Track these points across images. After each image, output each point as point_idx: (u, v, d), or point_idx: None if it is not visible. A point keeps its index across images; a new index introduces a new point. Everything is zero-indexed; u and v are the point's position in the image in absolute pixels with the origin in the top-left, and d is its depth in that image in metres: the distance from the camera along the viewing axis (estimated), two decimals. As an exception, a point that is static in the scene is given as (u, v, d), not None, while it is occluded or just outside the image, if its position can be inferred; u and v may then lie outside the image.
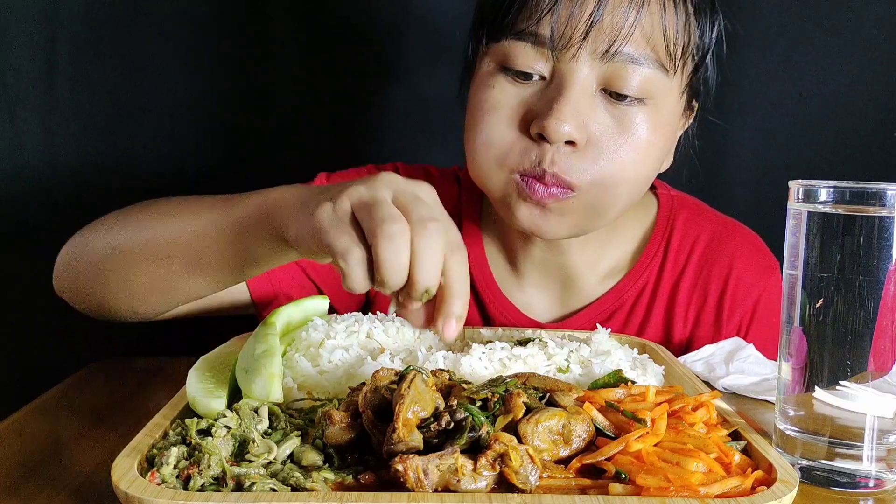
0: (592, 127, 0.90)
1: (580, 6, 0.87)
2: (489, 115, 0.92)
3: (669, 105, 0.93)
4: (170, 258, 0.85)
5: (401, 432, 0.59)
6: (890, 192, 0.62)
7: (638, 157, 0.92)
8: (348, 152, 1.42)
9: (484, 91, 0.93)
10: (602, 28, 0.87)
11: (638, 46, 0.88)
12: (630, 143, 0.91)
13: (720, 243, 1.08)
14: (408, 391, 0.61)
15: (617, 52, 0.87)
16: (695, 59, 0.94)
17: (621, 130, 0.91)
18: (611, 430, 0.66)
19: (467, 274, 0.63)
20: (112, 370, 0.98)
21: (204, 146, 1.41)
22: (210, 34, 1.38)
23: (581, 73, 0.89)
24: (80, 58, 1.36)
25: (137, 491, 0.54)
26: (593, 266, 1.08)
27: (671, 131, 0.96)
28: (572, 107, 0.88)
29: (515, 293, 1.10)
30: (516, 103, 0.92)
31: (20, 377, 1.39)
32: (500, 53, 0.92)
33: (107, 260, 0.92)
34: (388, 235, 0.59)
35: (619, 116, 0.91)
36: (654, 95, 0.91)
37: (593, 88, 0.90)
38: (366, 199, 0.63)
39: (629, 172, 0.92)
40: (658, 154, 0.95)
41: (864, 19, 1.34)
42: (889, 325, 0.63)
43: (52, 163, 1.39)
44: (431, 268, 0.61)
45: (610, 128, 0.90)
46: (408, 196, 0.64)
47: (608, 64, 0.88)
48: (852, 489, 0.64)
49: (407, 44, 1.37)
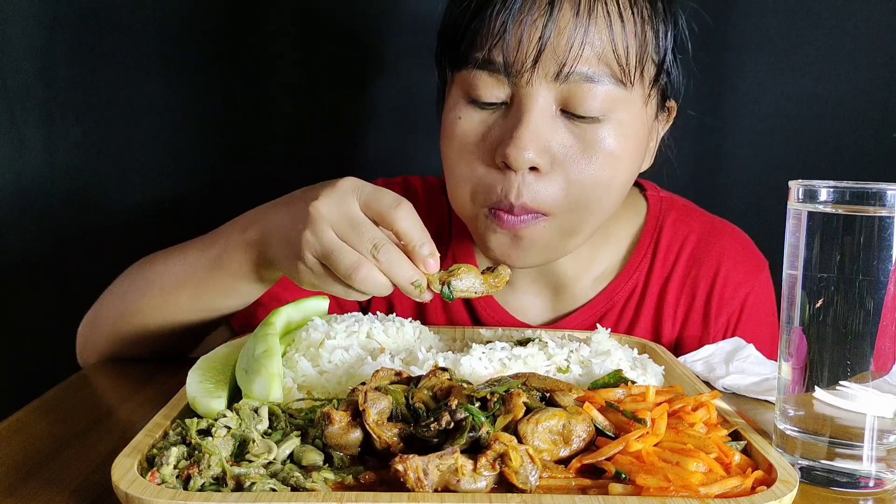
0: (556, 149, 0.89)
1: (528, 31, 0.86)
2: (457, 151, 0.93)
3: (633, 115, 0.92)
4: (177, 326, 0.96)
5: (377, 440, 0.62)
6: (890, 192, 0.62)
7: (606, 174, 0.91)
8: (346, 152, 1.43)
9: (452, 123, 0.94)
10: (552, 51, 0.86)
11: (591, 65, 0.87)
12: (597, 160, 0.90)
13: (708, 243, 1.09)
14: (364, 402, 0.64)
15: (570, 73, 0.87)
16: (654, 65, 0.92)
17: (585, 149, 0.90)
18: (611, 430, 0.66)
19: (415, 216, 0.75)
20: (111, 371, 0.98)
21: (204, 145, 1.41)
22: (209, 35, 1.38)
23: (538, 96, 0.88)
24: (80, 59, 1.36)
25: (137, 491, 0.54)
26: (585, 270, 1.09)
27: (639, 139, 0.94)
28: (531, 132, 0.88)
29: (508, 298, 1.10)
30: (482, 131, 0.92)
31: (20, 377, 1.39)
32: (464, 82, 0.92)
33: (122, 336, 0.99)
34: (360, 280, 0.73)
35: (582, 135, 0.90)
36: (615, 110, 0.90)
37: (553, 110, 0.89)
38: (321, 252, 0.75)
39: (600, 190, 0.92)
40: (628, 164, 0.93)
41: (864, 19, 1.34)
42: (890, 325, 0.63)
43: (52, 163, 1.39)
44: (406, 271, 0.73)
45: (574, 148, 0.90)
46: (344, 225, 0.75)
47: (564, 85, 0.88)
48: (852, 489, 0.64)
49: (402, 43, 1.37)
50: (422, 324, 0.93)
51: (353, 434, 0.63)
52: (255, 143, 1.41)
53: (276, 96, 1.40)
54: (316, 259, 0.76)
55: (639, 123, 0.93)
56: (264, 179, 1.38)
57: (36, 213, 1.39)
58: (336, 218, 0.75)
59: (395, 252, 0.74)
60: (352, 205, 0.76)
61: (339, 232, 0.75)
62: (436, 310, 1.11)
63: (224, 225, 0.93)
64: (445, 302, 1.09)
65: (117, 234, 1.40)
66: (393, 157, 1.42)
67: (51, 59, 1.36)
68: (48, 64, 1.36)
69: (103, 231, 1.40)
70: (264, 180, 1.38)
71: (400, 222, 0.74)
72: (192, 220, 1.37)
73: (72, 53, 1.36)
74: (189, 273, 0.92)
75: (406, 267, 0.73)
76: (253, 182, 1.38)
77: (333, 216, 0.75)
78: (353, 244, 0.74)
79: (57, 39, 1.35)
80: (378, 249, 0.73)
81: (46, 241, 1.40)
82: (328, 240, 0.75)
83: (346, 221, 0.75)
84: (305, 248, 0.76)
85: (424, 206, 1.14)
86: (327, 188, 0.77)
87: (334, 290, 0.77)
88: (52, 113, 1.37)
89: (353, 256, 0.73)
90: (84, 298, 1.06)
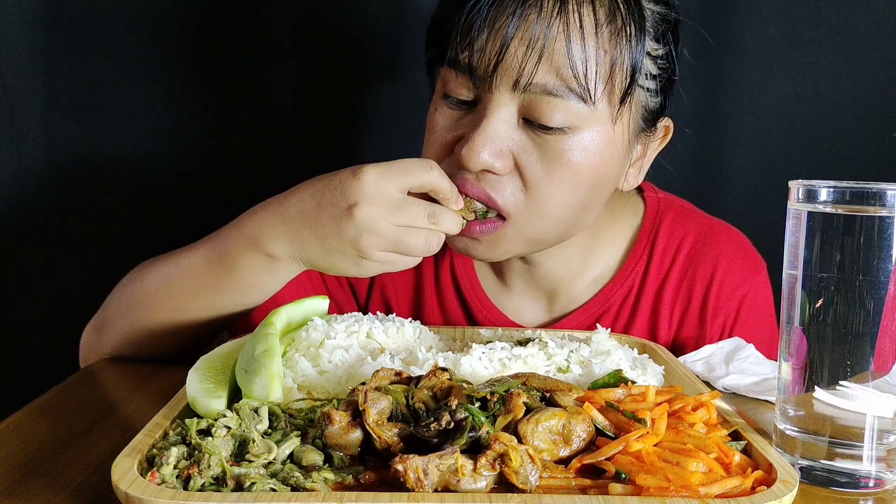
0: (519, 156, 0.89)
1: (493, 37, 0.86)
2: (429, 138, 0.96)
3: (598, 132, 0.90)
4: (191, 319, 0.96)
5: (377, 440, 0.61)
6: (890, 192, 0.62)
7: (567, 186, 0.91)
8: (347, 151, 1.43)
9: (431, 115, 0.96)
10: (511, 59, 0.86)
11: (549, 78, 0.86)
12: (558, 171, 0.90)
13: (705, 244, 1.08)
14: (364, 402, 0.64)
15: (528, 84, 0.86)
16: (624, 81, 0.89)
17: (546, 159, 0.89)
18: (611, 430, 0.66)
19: (440, 171, 0.86)
20: (111, 370, 0.97)
21: (204, 145, 1.41)
22: (210, 34, 1.38)
23: (500, 102, 0.88)
24: (80, 58, 1.36)
25: (137, 491, 0.54)
26: (579, 274, 1.09)
27: (607, 156, 0.92)
28: (487, 136, 0.88)
29: (504, 301, 1.11)
30: (451, 127, 0.94)
31: (20, 377, 1.39)
32: (443, 79, 0.94)
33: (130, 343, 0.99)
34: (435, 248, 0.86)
35: (544, 146, 0.89)
36: (577, 125, 0.88)
37: (515, 118, 0.89)
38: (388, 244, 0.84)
39: (561, 199, 0.91)
40: (594, 179, 0.92)
41: (864, 19, 1.34)
42: (890, 325, 0.63)
43: (52, 163, 1.39)
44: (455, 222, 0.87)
45: (534, 157, 0.89)
46: (393, 213, 0.83)
47: (525, 94, 0.88)
48: (852, 489, 0.64)
49: (404, 44, 1.37)
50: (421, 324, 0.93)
51: (353, 434, 0.63)
52: (256, 142, 1.41)
53: (277, 96, 1.40)
54: (382, 253, 0.84)
55: (604, 140, 0.90)
56: (265, 179, 1.37)
57: (35, 212, 1.39)
58: (383, 211, 0.83)
59: (441, 210, 0.86)
60: (388, 190, 0.83)
61: (391, 220, 0.83)
62: (432, 311, 1.11)
63: (224, 229, 0.93)
64: (442, 305, 1.11)
65: (117, 233, 1.40)
66: (394, 157, 1.42)
67: (51, 58, 1.36)
68: (48, 63, 1.36)
69: (103, 230, 1.40)
70: (265, 180, 1.37)
71: (434, 183, 0.85)
72: (193, 219, 1.37)
73: (71, 53, 1.36)
74: (200, 273, 0.93)
75: (454, 218, 0.87)
76: (253, 181, 1.38)
77: (380, 211, 0.83)
78: (410, 223, 0.84)
79: (57, 38, 1.35)
80: (433, 216, 0.85)
81: (46, 241, 1.40)
82: (389, 232, 0.83)
83: (393, 208, 0.83)
84: (371, 249, 0.84)
85: None
86: (354, 190, 0.83)
87: (401, 266, 0.87)
88: (52, 112, 1.37)
89: (421, 235, 0.85)
90: (85, 298, 1.06)
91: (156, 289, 0.96)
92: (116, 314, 0.99)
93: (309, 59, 1.39)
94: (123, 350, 0.99)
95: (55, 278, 1.40)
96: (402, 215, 0.83)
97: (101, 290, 1.02)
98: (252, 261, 0.89)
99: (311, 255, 0.87)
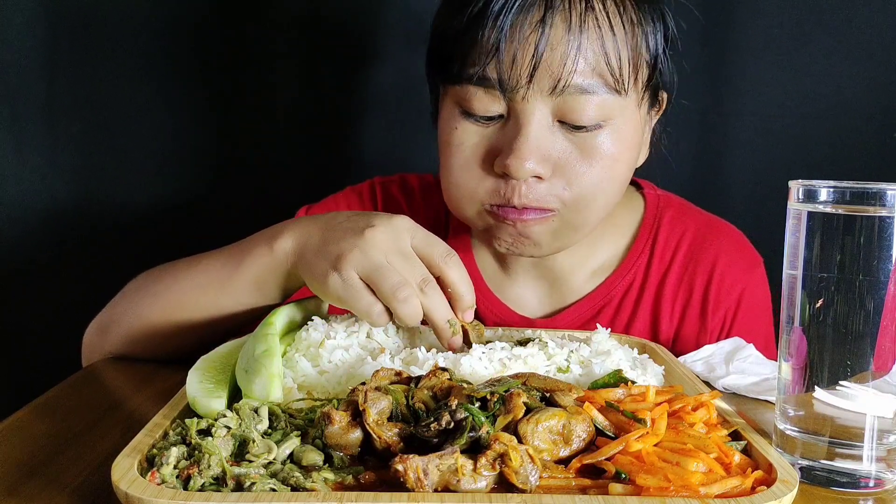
0: (556, 156, 0.91)
1: (522, 48, 0.87)
2: (455, 156, 0.95)
3: (628, 118, 0.94)
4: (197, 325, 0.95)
5: (377, 440, 0.61)
6: (890, 192, 0.62)
7: (607, 175, 0.94)
8: (345, 145, 1.43)
9: (448, 132, 0.96)
10: (547, 67, 0.87)
11: (585, 77, 0.88)
12: (597, 164, 0.92)
13: (704, 240, 1.11)
14: (364, 402, 0.63)
15: (566, 86, 0.88)
16: (648, 67, 0.94)
17: (585, 155, 0.92)
18: (611, 430, 0.66)
19: (463, 269, 0.82)
20: (111, 370, 0.97)
21: (204, 144, 1.41)
22: (210, 34, 1.38)
23: (535, 110, 0.90)
24: (82, 58, 1.36)
25: (137, 491, 0.54)
26: (582, 265, 1.10)
27: (635, 139, 0.97)
28: (531, 144, 0.89)
29: (505, 290, 1.11)
30: (479, 142, 0.94)
31: (20, 377, 1.39)
32: (458, 96, 0.94)
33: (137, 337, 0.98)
34: (401, 300, 0.77)
35: (580, 143, 0.92)
36: (612, 117, 0.92)
37: (549, 122, 0.91)
38: (367, 268, 0.79)
39: (603, 187, 0.94)
40: (626, 163, 0.96)
41: (864, 19, 1.34)
42: (890, 325, 0.63)
43: (54, 162, 1.39)
44: (446, 311, 0.80)
45: (573, 154, 0.92)
46: (396, 254, 0.79)
47: (560, 98, 0.89)
48: (852, 489, 0.64)
49: (399, 36, 1.38)
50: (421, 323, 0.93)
51: (353, 434, 0.63)
52: (256, 142, 1.41)
53: (276, 95, 1.40)
54: (356, 274, 0.79)
55: (634, 125, 0.95)
56: (265, 178, 1.38)
57: (36, 212, 1.39)
58: (389, 246, 0.80)
59: (440, 293, 0.80)
60: (406, 241, 0.81)
61: (389, 259, 0.79)
62: None
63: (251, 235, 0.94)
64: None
65: (118, 233, 1.41)
66: (390, 149, 1.42)
67: (52, 57, 1.36)
68: (50, 63, 1.36)
69: (104, 230, 1.41)
70: (265, 179, 1.38)
71: (451, 271, 0.81)
72: (194, 218, 1.38)
73: (73, 52, 1.36)
74: (212, 275, 0.93)
75: (447, 308, 0.81)
76: (254, 181, 1.38)
77: (387, 244, 0.80)
78: (402, 272, 0.79)
79: (59, 38, 1.35)
80: (427, 284, 0.79)
81: (47, 241, 1.40)
82: (377, 259, 0.79)
83: (399, 252, 0.80)
84: (350, 262, 0.79)
85: (421, 204, 1.15)
86: (382, 219, 0.82)
87: (358, 305, 0.79)
88: (54, 112, 1.37)
89: (400, 278, 0.78)
90: (85, 298, 1.06)
91: (165, 286, 0.96)
92: (122, 312, 0.99)
93: (309, 59, 1.39)
94: (127, 349, 0.99)
95: (55, 278, 1.41)
96: (399, 259, 0.80)
97: (101, 290, 1.02)
98: (260, 253, 0.89)
99: (307, 251, 0.86)
